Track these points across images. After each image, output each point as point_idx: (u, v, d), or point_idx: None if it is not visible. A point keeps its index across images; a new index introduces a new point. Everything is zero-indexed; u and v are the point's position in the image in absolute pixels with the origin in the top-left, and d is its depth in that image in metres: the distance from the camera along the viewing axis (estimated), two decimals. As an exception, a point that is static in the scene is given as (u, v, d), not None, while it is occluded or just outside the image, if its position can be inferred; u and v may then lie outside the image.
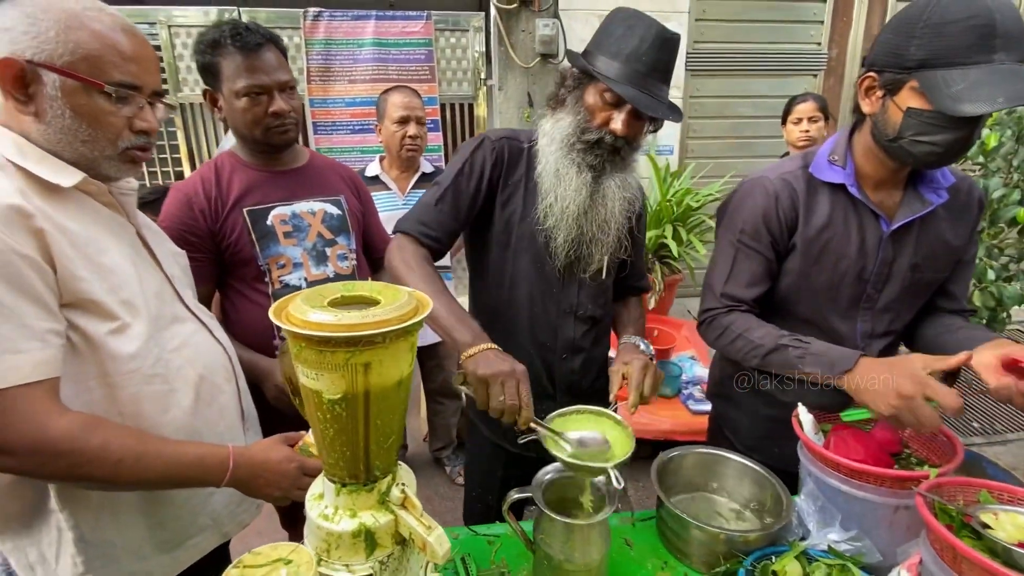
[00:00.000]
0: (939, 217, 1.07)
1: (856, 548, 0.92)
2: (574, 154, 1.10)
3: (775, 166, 1.15)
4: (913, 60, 0.90)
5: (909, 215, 1.04)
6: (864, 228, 1.06)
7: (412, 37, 3.24)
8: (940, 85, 0.87)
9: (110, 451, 0.76)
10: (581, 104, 1.09)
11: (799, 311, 1.14)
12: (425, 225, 1.13)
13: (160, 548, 0.93)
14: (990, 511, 0.79)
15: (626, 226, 1.20)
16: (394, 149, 2.09)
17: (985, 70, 0.85)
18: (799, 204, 1.08)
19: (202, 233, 1.27)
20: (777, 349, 1.05)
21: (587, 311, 1.23)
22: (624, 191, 1.15)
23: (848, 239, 1.07)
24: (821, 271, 1.09)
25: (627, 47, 1.03)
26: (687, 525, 0.99)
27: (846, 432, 0.98)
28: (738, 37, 3.59)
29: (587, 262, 1.18)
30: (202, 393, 0.94)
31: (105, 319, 0.80)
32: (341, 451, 0.72)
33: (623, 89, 1.02)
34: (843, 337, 1.12)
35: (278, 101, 1.26)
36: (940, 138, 0.91)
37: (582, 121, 1.09)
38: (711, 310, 1.16)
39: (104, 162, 0.83)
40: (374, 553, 0.76)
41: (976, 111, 0.84)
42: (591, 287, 1.22)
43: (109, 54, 0.79)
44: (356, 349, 0.64)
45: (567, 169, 1.10)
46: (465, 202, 1.15)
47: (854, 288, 1.10)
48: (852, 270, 1.08)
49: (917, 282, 1.10)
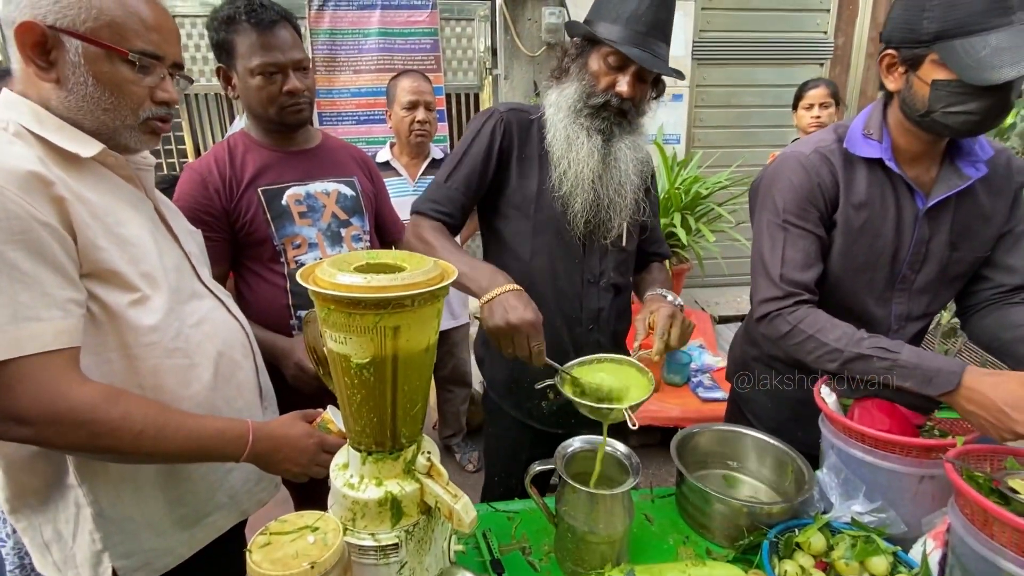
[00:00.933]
0: (976, 192, 1.03)
1: (880, 519, 0.92)
2: (582, 119, 1.12)
3: (807, 140, 1.10)
4: (929, 33, 0.88)
5: (946, 191, 1.00)
6: (901, 205, 1.03)
7: (417, 26, 3.22)
8: (961, 55, 0.86)
9: (132, 421, 0.76)
10: (585, 71, 1.11)
11: (834, 294, 1.08)
12: (436, 202, 1.15)
13: (178, 525, 0.93)
14: (1018, 476, 0.79)
15: (642, 187, 1.21)
16: (403, 134, 2.09)
17: (1005, 33, 0.83)
18: (839, 178, 1.03)
19: (217, 212, 1.27)
20: (859, 358, 0.95)
21: (610, 279, 1.24)
22: (636, 152, 1.17)
23: (885, 216, 1.03)
24: (859, 251, 1.05)
25: (626, 10, 1.05)
26: (709, 499, 0.99)
27: (870, 403, 0.97)
28: (744, 26, 3.57)
29: (607, 227, 1.18)
30: (221, 369, 0.94)
31: (125, 290, 0.80)
32: (368, 418, 0.72)
33: (627, 49, 1.03)
34: (878, 321, 1.09)
35: (292, 80, 1.25)
36: (974, 106, 0.88)
37: (587, 87, 1.11)
38: (772, 300, 1.05)
39: (125, 131, 0.83)
40: (400, 522, 0.75)
41: (1003, 77, 0.82)
42: (614, 254, 1.23)
43: (132, 22, 0.78)
44: (385, 312, 0.64)
45: (577, 134, 1.12)
46: (475, 176, 1.16)
47: (890, 268, 1.06)
48: (888, 249, 1.04)
49: (956, 261, 1.06)
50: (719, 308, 3.61)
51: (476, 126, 1.18)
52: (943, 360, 0.90)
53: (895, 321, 1.10)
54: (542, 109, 1.19)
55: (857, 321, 1.02)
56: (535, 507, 1.02)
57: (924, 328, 1.15)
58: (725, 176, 3.19)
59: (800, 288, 1.04)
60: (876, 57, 3.10)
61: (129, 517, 0.87)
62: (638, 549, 1.00)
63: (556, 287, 1.21)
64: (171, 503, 0.91)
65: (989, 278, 1.09)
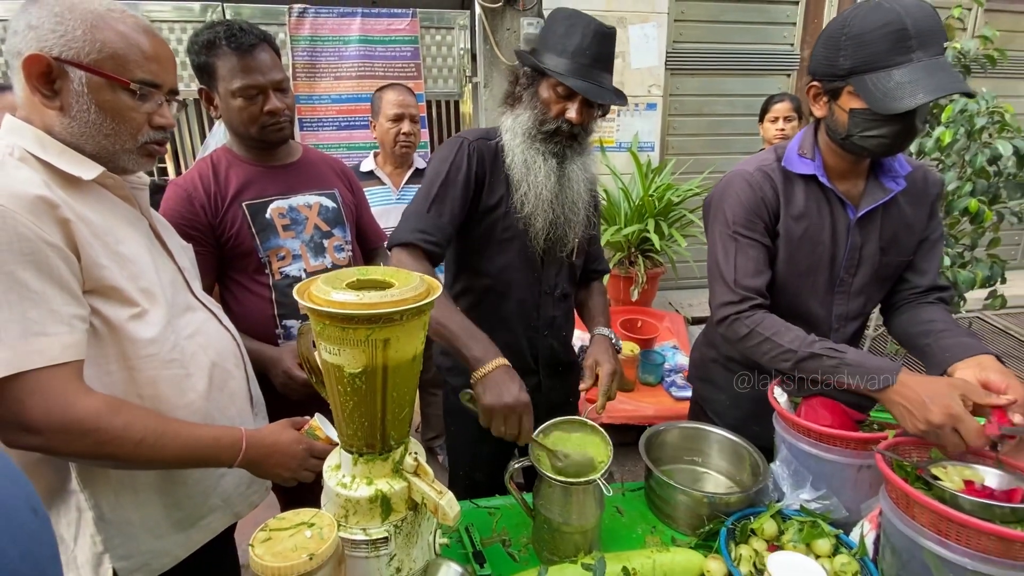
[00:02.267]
0: (900, 203, 1.16)
1: (825, 506, 1.02)
2: (537, 144, 1.21)
3: (751, 160, 1.22)
4: (844, 68, 1.01)
5: (873, 203, 1.13)
6: (835, 216, 1.15)
7: (398, 34, 3.27)
8: (871, 87, 0.98)
9: (133, 430, 0.81)
10: (536, 99, 1.20)
11: (782, 298, 1.19)
12: (423, 232, 1.16)
13: (175, 527, 0.97)
14: (940, 465, 0.89)
15: (591, 204, 1.33)
16: (388, 145, 2.14)
17: (906, 69, 0.96)
18: (780, 193, 1.15)
19: (203, 227, 1.31)
20: (811, 357, 1.04)
21: (563, 289, 1.36)
22: (585, 171, 1.27)
23: (822, 226, 1.15)
24: (801, 258, 1.16)
25: (571, 44, 1.13)
26: (674, 491, 1.07)
27: (816, 402, 1.07)
28: (715, 38, 3.71)
29: (563, 243, 1.29)
30: (215, 378, 0.99)
31: (125, 305, 0.85)
32: (360, 422, 0.78)
33: (573, 82, 1.12)
34: (821, 320, 1.20)
35: (273, 100, 1.30)
36: (885, 131, 1.01)
37: (539, 114, 1.20)
38: (729, 304, 1.14)
39: (124, 155, 0.87)
40: (389, 517, 0.82)
41: (905, 107, 0.95)
42: (566, 267, 1.34)
43: (133, 53, 0.83)
44: (376, 326, 0.70)
45: (534, 159, 1.21)
46: (457, 203, 1.20)
47: (829, 273, 1.17)
48: (826, 255, 1.16)
49: (886, 265, 1.18)
50: (692, 310, 3.74)
51: (448, 154, 1.22)
52: (883, 361, 1.01)
53: (835, 320, 1.21)
54: (499, 134, 1.26)
55: (802, 322, 1.12)
56: (514, 503, 1.09)
57: (860, 328, 1.28)
58: (696, 183, 3.32)
59: (753, 293, 1.14)
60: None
61: (128, 520, 0.91)
62: (609, 538, 1.08)
63: (517, 298, 1.31)
64: (168, 507, 0.95)
65: (907, 280, 1.23)
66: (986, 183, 1.55)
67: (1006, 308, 1.89)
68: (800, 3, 3.76)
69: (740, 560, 0.93)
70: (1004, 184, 1.58)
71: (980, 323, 4.13)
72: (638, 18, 3.39)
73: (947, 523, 0.75)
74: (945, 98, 1.65)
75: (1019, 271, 4.65)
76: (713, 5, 3.64)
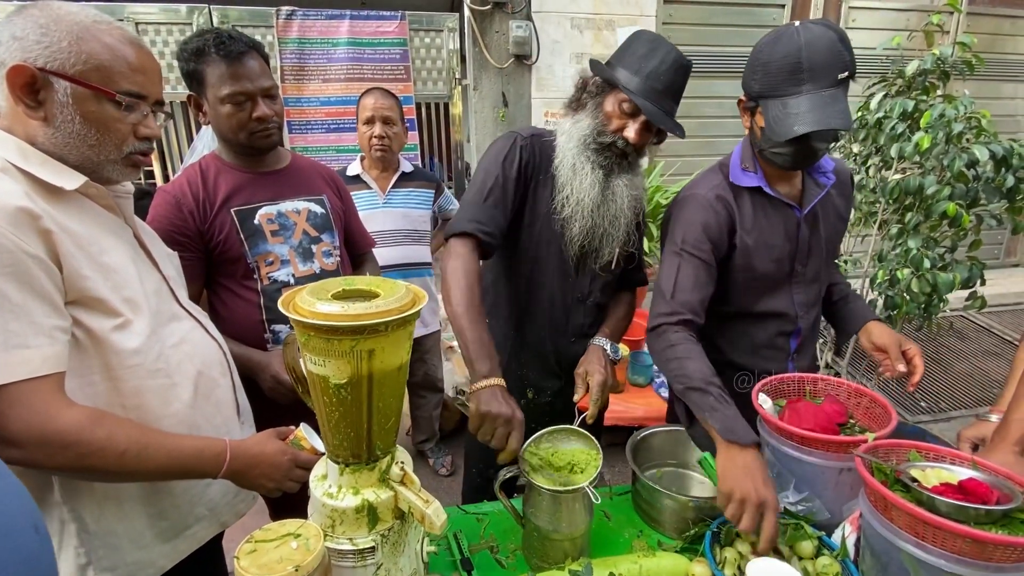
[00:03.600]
0: (832, 195, 1.29)
1: (808, 508, 1.03)
2: (589, 152, 1.22)
3: (701, 181, 1.28)
4: (755, 91, 1.13)
5: (813, 200, 1.25)
6: (784, 218, 1.25)
7: (387, 37, 3.26)
8: (769, 112, 1.10)
9: (115, 442, 0.80)
10: (600, 110, 1.21)
11: (746, 301, 1.28)
12: (480, 223, 1.17)
13: (160, 537, 0.97)
14: (918, 467, 0.91)
15: (634, 221, 1.32)
16: (364, 148, 2.15)
17: (796, 100, 1.05)
18: (734, 211, 1.23)
19: (191, 233, 1.30)
20: (700, 390, 1.05)
21: (596, 299, 1.36)
22: (632, 190, 1.27)
23: (773, 231, 1.24)
24: (758, 263, 1.24)
25: (648, 66, 1.15)
26: (659, 495, 1.09)
27: (799, 405, 1.09)
28: (703, 40, 3.74)
29: (599, 254, 1.29)
30: (200, 387, 0.99)
31: (109, 316, 0.84)
32: (345, 432, 0.78)
33: (642, 102, 1.14)
34: (787, 312, 1.28)
35: (261, 107, 1.30)
36: (786, 150, 1.12)
37: (599, 124, 1.21)
38: (662, 315, 1.19)
39: (108, 166, 0.87)
40: (376, 527, 0.82)
41: (793, 134, 1.04)
42: (601, 278, 1.34)
43: (118, 65, 0.83)
44: (361, 337, 0.71)
45: (582, 165, 1.22)
46: (511, 196, 1.22)
47: (787, 268, 1.27)
48: (782, 255, 1.25)
49: (830, 252, 1.32)
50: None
51: (502, 149, 1.23)
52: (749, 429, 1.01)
53: (799, 309, 1.30)
54: (555, 135, 1.28)
55: (773, 318, 1.27)
56: (502, 509, 1.10)
57: (817, 315, 1.37)
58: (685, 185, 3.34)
59: (686, 308, 1.17)
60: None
61: (112, 532, 0.90)
62: (597, 543, 1.09)
63: (549, 300, 1.32)
64: (153, 517, 0.95)
65: None
66: (964, 187, 1.58)
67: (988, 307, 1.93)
68: (787, 6, 3.80)
69: (725, 563, 0.95)
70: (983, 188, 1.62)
71: (963, 321, 4.20)
72: (626, 20, 3.41)
73: (923, 525, 0.77)
74: (924, 103, 1.68)
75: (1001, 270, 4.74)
76: (701, 8, 3.67)
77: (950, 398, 3.29)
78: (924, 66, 1.61)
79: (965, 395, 3.31)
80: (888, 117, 1.64)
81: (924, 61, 1.62)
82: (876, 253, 1.81)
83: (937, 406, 3.22)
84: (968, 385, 3.42)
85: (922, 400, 3.26)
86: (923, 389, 3.36)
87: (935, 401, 3.27)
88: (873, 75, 1.89)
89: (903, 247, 1.63)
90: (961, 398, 3.28)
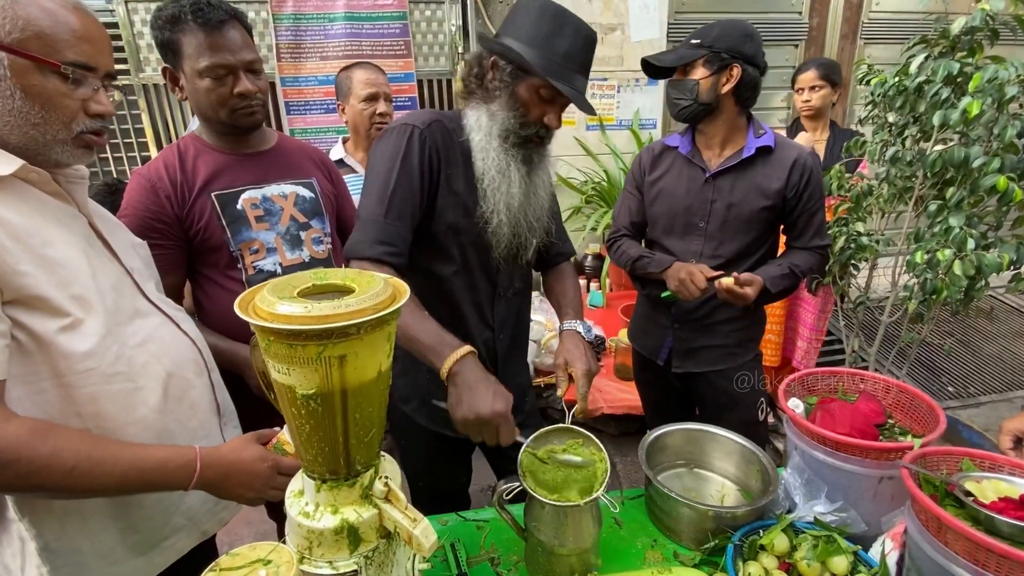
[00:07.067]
0: (756, 172, 1.42)
1: (842, 519, 0.93)
2: (511, 149, 1.10)
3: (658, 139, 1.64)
4: None
5: (720, 167, 1.44)
6: (691, 176, 1.48)
7: (385, 10, 3.11)
8: None
9: (62, 458, 0.72)
10: (515, 98, 1.07)
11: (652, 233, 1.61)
12: (386, 244, 1.04)
13: (133, 551, 0.90)
14: (972, 479, 0.80)
15: (550, 208, 1.26)
16: (363, 128, 2.00)
17: None
18: (647, 163, 1.58)
19: (169, 220, 1.21)
20: (638, 259, 1.55)
21: (516, 288, 1.28)
22: (548, 176, 1.20)
23: (678, 183, 1.50)
24: (661, 204, 1.54)
25: (559, 45, 1.03)
26: (675, 503, 0.99)
27: (833, 405, 0.98)
28: (718, 7, 3.52)
29: (525, 249, 1.20)
30: (171, 389, 0.91)
31: (54, 316, 0.75)
32: (319, 447, 0.69)
33: (568, 90, 1.03)
34: (679, 253, 1.52)
35: (243, 81, 1.19)
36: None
37: (519, 116, 1.08)
38: (611, 234, 1.69)
39: (57, 146, 0.78)
40: (358, 548, 0.73)
41: None
42: (520, 267, 1.26)
43: (62, 32, 0.74)
44: (329, 342, 0.61)
45: (507, 164, 1.10)
46: (415, 206, 1.08)
47: (687, 219, 1.50)
48: (680, 205, 1.50)
49: (735, 217, 1.44)
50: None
51: (398, 146, 1.07)
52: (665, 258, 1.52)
53: (690, 256, 1.50)
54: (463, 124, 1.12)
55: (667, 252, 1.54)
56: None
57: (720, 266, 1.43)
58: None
59: (624, 227, 1.65)
60: (851, 38, 3.08)
61: (77, 549, 0.83)
62: (607, 554, 1.00)
63: (473, 301, 1.21)
64: (123, 531, 0.88)
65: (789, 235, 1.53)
66: (1015, 158, 1.43)
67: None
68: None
69: (748, 581, 0.85)
70: (1034, 159, 1.46)
71: (991, 300, 4.01)
72: (639, -13, 3.21)
73: (986, 552, 0.66)
74: (971, 66, 1.52)
75: (1035, 247, 4.49)
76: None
77: (979, 382, 3.14)
78: (972, 23, 1.45)
79: (995, 379, 3.16)
80: (931, 81, 1.48)
81: (973, 18, 1.45)
82: (912, 232, 1.67)
83: (965, 390, 3.07)
84: (998, 368, 3.26)
85: (949, 384, 3.12)
86: (950, 373, 3.21)
87: (963, 385, 3.12)
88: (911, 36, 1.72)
89: (943, 225, 1.49)
90: (991, 382, 3.13)
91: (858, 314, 2.05)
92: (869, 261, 1.89)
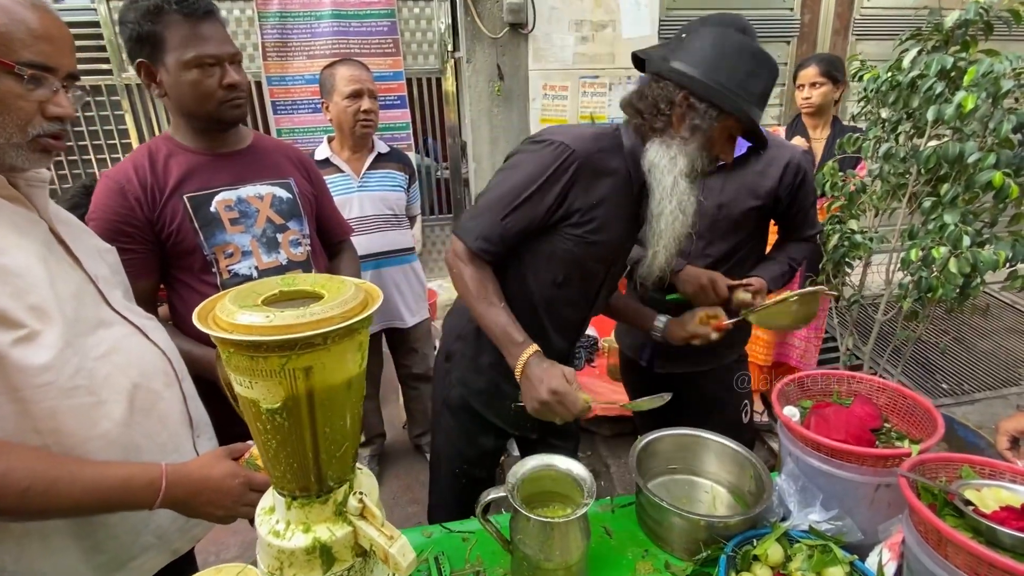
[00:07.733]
0: (748, 173, 1.38)
1: (837, 527, 0.90)
2: (692, 186, 1.08)
3: None
4: None
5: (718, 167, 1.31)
6: None
7: (373, 7, 3.06)
8: None
9: (14, 479, 0.68)
10: (709, 138, 1.05)
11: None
12: (488, 241, 1.06)
13: (98, 572, 0.85)
14: (972, 486, 0.77)
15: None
16: (347, 126, 1.95)
17: None
18: None
19: (139, 223, 1.16)
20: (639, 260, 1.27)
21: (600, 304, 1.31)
22: None
23: None
24: None
25: (757, 87, 1.03)
26: (667, 512, 0.96)
27: (827, 410, 0.95)
28: (710, 4, 3.49)
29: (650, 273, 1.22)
30: (137, 402, 0.86)
31: (8, 328, 0.71)
32: (287, 463, 0.66)
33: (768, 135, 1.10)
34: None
35: (232, 73, 1.15)
36: None
37: (709, 154, 1.07)
38: None
39: (11, 151, 0.74)
40: (332, 568, 0.70)
41: None
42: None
43: (17, 31, 0.70)
44: (292, 353, 0.57)
45: (689, 202, 1.08)
46: (536, 220, 1.07)
47: None
48: None
49: (725, 217, 1.39)
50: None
51: (550, 163, 1.04)
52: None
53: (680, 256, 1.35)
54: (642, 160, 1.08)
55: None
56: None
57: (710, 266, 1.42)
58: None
59: None
60: (842, 34, 3.04)
61: (39, 571, 0.79)
62: (596, 565, 0.96)
63: (563, 315, 1.21)
64: (87, 551, 0.83)
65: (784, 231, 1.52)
66: (1010, 153, 1.40)
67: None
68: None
69: (742, 595, 0.82)
70: (1029, 154, 1.44)
71: (987, 296, 4.00)
72: (630, -17, 3.18)
73: (988, 567, 0.63)
74: (964, 61, 1.50)
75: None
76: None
77: (973, 379, 3.13)
78: (966, 16, 1.42)
79: (990, 376, 3.15)
80: (925, 76, 1.45)
81: (967, 11, 1.42)
82: (906, 229, 1.64)
83: (960, 387, 3.06)
84: (992, 365, 3.25)
85: (943, 381, 3.11)
86: (945, 370, 3.20)
87: (957, 382, 3.11)
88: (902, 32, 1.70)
89: (938, 222, 1.46)
90: (985, 379, 3.12)
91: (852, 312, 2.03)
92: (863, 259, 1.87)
